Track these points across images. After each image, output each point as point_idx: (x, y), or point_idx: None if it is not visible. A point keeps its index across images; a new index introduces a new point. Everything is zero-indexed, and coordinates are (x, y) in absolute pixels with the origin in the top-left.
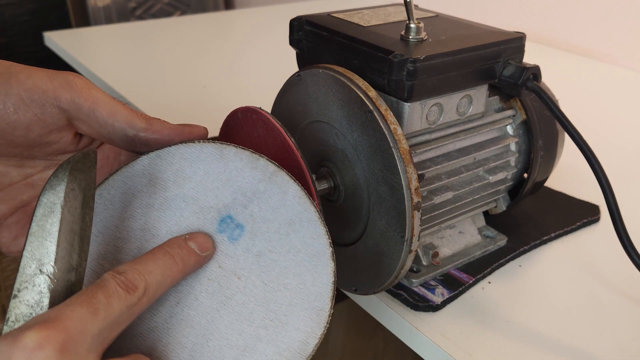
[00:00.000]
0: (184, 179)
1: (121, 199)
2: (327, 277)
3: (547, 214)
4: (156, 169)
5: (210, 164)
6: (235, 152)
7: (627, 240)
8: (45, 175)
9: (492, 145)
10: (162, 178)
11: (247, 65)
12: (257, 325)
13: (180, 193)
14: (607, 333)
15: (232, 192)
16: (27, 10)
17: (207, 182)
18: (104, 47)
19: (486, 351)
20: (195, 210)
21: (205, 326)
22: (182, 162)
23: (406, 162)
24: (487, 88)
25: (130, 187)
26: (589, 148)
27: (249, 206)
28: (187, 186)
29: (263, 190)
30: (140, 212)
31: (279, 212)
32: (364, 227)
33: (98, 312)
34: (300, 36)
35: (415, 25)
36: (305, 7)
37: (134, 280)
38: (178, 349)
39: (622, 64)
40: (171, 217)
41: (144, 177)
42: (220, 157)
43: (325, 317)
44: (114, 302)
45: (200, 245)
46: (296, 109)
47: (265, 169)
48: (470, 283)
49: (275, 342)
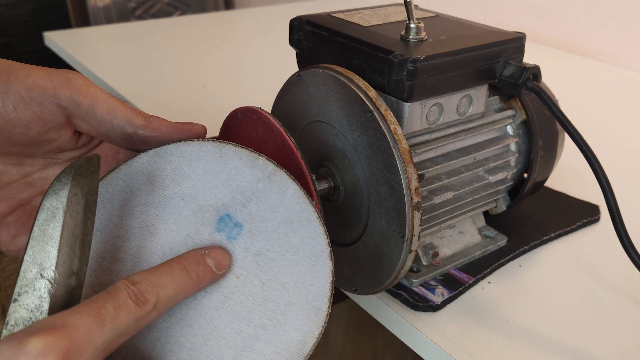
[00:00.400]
0: (182, 177)
1: (120, 197)
2: (325, 276)
3: (547, 214)
4: (155, 167)
5: (209, 162)
6: (234, 151)
7: (627, 240)
8: (44, 174)
9: (492, 145)
10: (161, 176)
11: (247, 65)
12: (255, 325)
13: (179, 191)
14: (607, 333)
15: (231, 191)
16: (27, 10)
17: (206, 181)
18: (104, 47)
19: (486, 351)
20: (193, 208)
21: (204, 325)
22: (181, 160)
23: (406, 162)
24: (487, 88)
25: (129, 185)
26: (589, 148)
27: (248, 205)
28: (186, 184)
29: (262, 190)
30: (138, 210)
31: (278, 211)
32: (364, 227)
33: (105, 323)
34: (300, 36)
35: (415, 25)
36: (305, 7)
37: (146, 293)
38: (177, 349)
39: (623, 64)
40: (170, 215)
41: (142, 175)
42: (219, 156)
43: (323, 316)
44: (122, 314)
45: (218, 262)
46: (296, 109)
47: (265, 168)
48: (470, 283)
49: (274, 341)
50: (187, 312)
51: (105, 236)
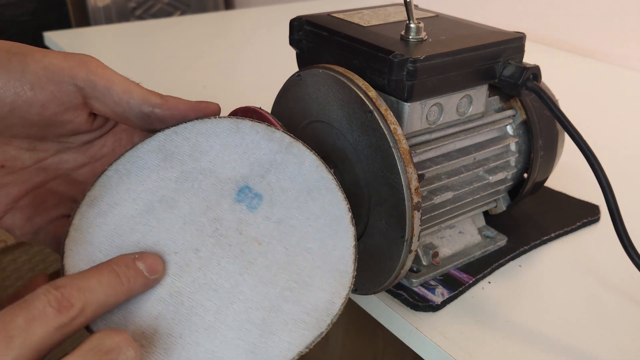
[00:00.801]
0: (201, 152)
1: (137, 173)
2: (348, 241)
3: (547, 214)
4: (173, 144)
5: (227, 137)
6: (251, 126)
7: (627, 240)
8: (57, 158)
9: (492, 145)
10: (179, 153)
11: (247, 65)
12: (282, 287)
13: (197, 166)
14: (607, 333)
15: (249, 164)
16: (27, 10)
17: (224, 155)
18: (104, 47)
19: (486, 351)
20: (213, 182)
21: (229, 289)
22: (198, 137)
23: (406, 162)
24: (487, 88)
25: (147, 162)
26: (589, 148)
27: (267, 176)
28: (205, 159)
29: (280, 161)
30: (157, 185)
31: (297, 181)
32: (364, 227)
33: (12, 340)
34: (300, 36)
35: (415, 25)
36: (305, 7)
37: (71, 298)
38: (202, 312)
39: (623, 64)
40: (189, 189)
41: (160, 152)
42: (236, 131)
43: (349, 278)
44: (36, 326)
45: (149, 267)
46: (296, 109)
47: (282, 141)
48: (470, 283)
49: (302, 302)
50: (211, 277)
51: (123, 210)
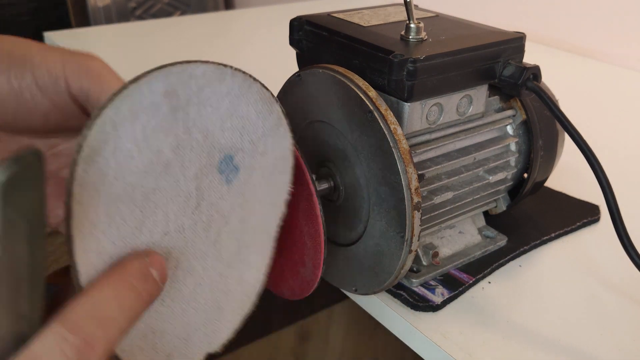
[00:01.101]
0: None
1: None
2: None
3: (547, 214)
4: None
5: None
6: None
7: (627, 240)
8: (71, 143)
9: (492, 145)
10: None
11: (247, 66)
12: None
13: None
14: (607, 333)
15: (241, 137)
16: (27, 10)
17: (226, 122)
18: (104, 47)
19: (486, 351)
20: (209, 145)
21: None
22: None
23: (406, 162)
24: (487, 88)
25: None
26: (589, 148)
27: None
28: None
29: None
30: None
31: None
32: (364, 227)
33: None
34: (300, 36)
35: (415, 25)
36: (305, 7)
37: (93, 340)
38: (199, 256)
39: (623, 64)
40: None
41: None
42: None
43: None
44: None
45: (160, 273)
46: (296, 109)
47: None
48: (470, 283)
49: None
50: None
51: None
